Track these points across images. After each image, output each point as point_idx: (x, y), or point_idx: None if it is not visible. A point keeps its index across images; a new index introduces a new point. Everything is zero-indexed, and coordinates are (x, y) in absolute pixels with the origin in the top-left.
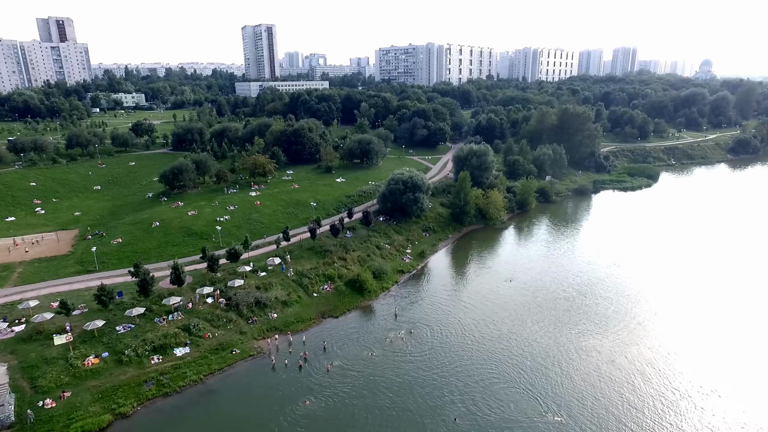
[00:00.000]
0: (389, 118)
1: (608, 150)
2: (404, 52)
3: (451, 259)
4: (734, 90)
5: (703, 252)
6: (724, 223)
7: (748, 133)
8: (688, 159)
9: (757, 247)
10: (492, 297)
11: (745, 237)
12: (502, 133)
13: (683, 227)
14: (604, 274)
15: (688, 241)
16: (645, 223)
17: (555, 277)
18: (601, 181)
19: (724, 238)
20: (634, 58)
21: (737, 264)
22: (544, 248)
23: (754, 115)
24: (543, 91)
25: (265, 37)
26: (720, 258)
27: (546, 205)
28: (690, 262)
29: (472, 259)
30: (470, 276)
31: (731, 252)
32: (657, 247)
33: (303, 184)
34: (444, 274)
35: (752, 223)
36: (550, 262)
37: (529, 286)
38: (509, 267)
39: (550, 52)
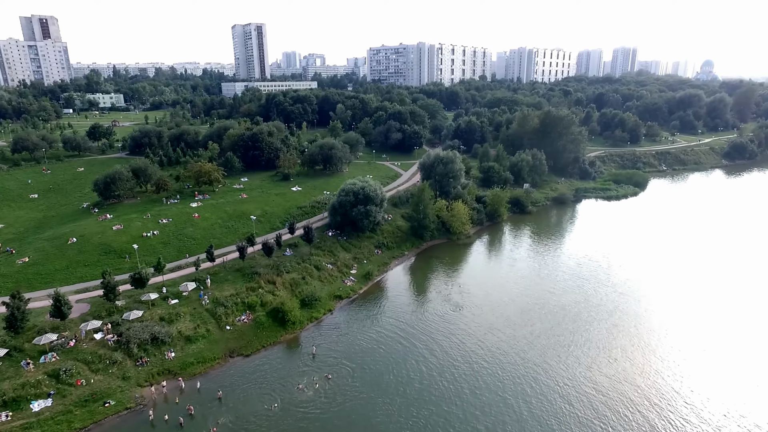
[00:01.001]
0: (364, 121)
1: (596, 155)
2: (395, 52)
3: (400, 281)
4: (733, 91)
5: (687, 270)
6: (712, 237)
7: (745, 137)
8: (680, 164)
9: (746, 265)
10: (439, 328)
11: (734, 253)
12: (482, 137)
13: (666, 242)
14: (572, 300)
15: (671, 258)
16: (623, 237)
17: (516, 302)
18: (583, 189)
19: (712, 255)
20: (634, 59)
21: (725, 288)
22: (508, 268)
23: (753, 118)
24: (534, 92)
25: (255, 36)
26: (707, 279)
27: (520, 217)
28: (671, 285)
29: (425, 280)
30: (417, 301)
31: (719, 271)
32: (635, 267)
33: (253, 194)
34: (388, 299)
35: (742, 237)
36: (512, 283)
37: (485, 316)
38: (466, 290)
39: (545, 52)
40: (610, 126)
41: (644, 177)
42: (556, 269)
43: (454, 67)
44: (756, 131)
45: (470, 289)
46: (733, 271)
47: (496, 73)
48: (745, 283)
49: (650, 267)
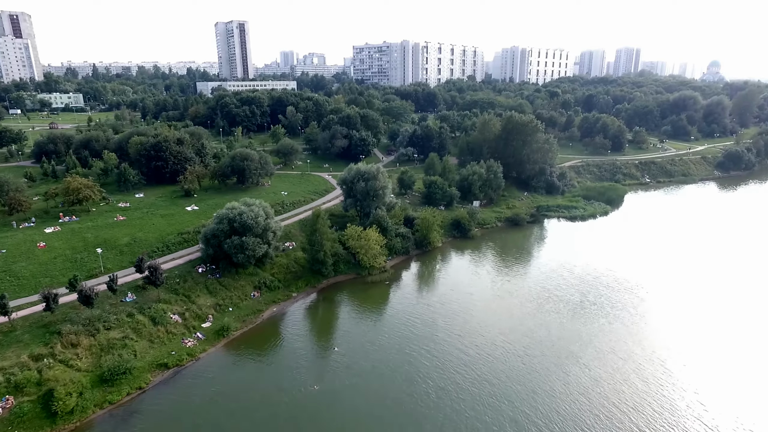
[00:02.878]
0: (311, 125)
1: (571, 165)
2: (378, 51)
3: (263, 338)
4: (737, 94)
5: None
6: (687, 277)
7: (742, 145)
8: (665, 176)
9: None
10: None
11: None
12: (441, 145)
13: (630, 282)
14: (493, 371)
15: (631, 303)
16: (577, 276)
17: (413, 371)
18: (546, 207)
19: (684, 303)
20: (638, 59)
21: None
22: (419, 319)
23: (755, 123)
24: (518, 94)
25: (237, 34)
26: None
27: (461, 243)
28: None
29: (300, 337)
30: (272, 374)
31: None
32: (583, 319)
33: (135, 215)
34: (234, 367)
35: (722, 271)
36: (416, 345)
37: (371, 399)
38: (354, 353)
39: (540, 51)
40: (592, 131)
41: (621, 192)
42: (484, 324)
43: (441, 66)
44: (755, 138)
45: (354, 354)
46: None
47: (493, 74)
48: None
49: (607, 326)
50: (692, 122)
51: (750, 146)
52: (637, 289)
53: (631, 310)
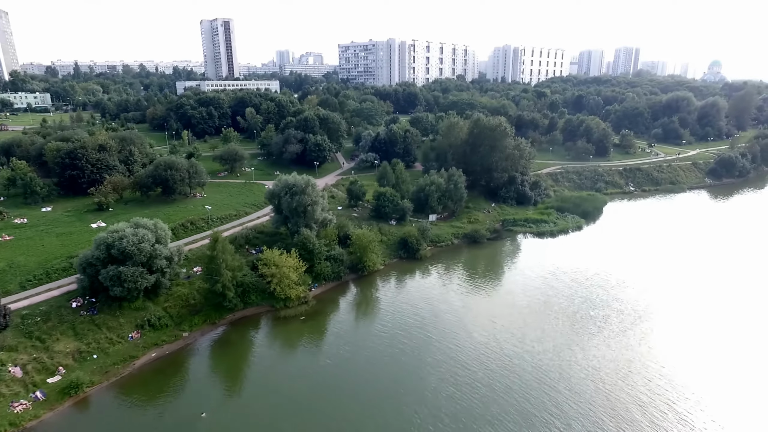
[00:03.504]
0: (268, 128)
1: (549, 171)
2: (363, 49)
3: (127, 395)
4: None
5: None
6: (667, 305)
7: (735, 151)
8: (651, 184)
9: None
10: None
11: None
12: (406, 150)
13: (594, 317)
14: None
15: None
16: (534, 305)
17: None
18: (512, 221)
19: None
20: (637, 59)
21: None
22: (334, 365)
23: (753, 125)
24: (504, 94)
25: (222, 32)
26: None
27: (407, 265)
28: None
29: (172, 395)
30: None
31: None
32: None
33: (28, 233)
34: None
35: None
36: (324, 402)
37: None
38: (236, 418)
39: (533, 50)
40: (575, 135)
41: (599, 203)
42: (419, 369)
43: (430, 66)
44: (750, 143)
45: (234, 420)
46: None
47: (487, 74)
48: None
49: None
50: (685, 125)
51: (745, 151)
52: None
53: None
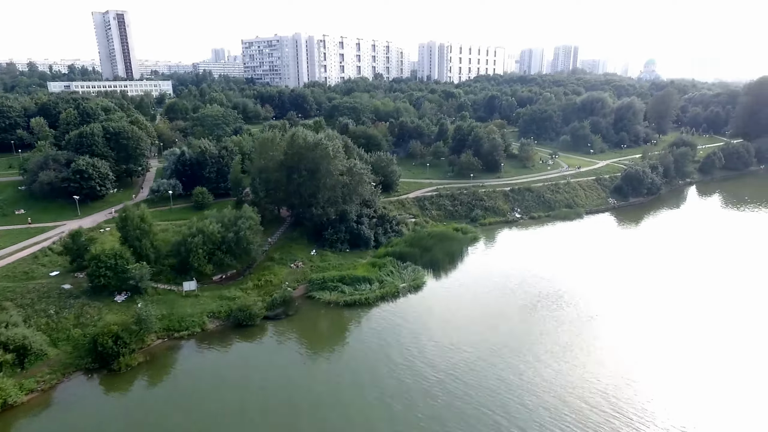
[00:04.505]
0: (38, 146)
1: (419, 195)
2: (268, 45)
3: None
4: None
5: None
6: None
7: (645, 162)
8: (543, 209)
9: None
10: None
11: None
12: (220, 174)
13: None
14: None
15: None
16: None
17: None
18: (320, 281)
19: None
20: (576, 57)
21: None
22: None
23: (675, 128)
24: (407, 95)
25: (115, 26)
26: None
27: (80, 387)
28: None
29: None
30: None
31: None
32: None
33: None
34: None
35: None
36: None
37: None
38: None
39: (462, 47)
40: (463, 146)
41: (461, 242)
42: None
43: (345, 63)
44: (662, 153)
45: None
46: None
47: (417, 71)
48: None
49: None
50: (597, 130)
51: (656, 163)
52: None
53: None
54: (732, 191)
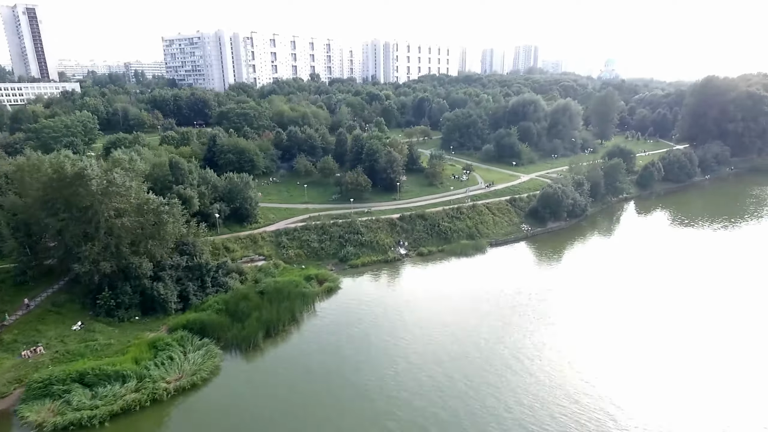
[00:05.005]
0: None
1: (285, 226)
2: (189, 43)
3: None
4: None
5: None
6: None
7: (568, 178)
8: (438, 241)
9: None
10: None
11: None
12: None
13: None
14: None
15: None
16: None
17: None
18: (38, 382)
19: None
20: (536, 57)
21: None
22: None
23: (618, 132)
24: (326, 98)
25: (25, 22)
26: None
27: None
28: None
29: None
30: None
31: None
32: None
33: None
34: None
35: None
36: None
37: None
38: None
39: (410, 46)
40: (358, 161)
41: (303, 301)
42: None
43: (278, 63)
44: (590, 166)
45: None
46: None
47: (363, 71)
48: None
49: None
50: (527, 137)
51: (582, 178)
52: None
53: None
54: (673, 207)
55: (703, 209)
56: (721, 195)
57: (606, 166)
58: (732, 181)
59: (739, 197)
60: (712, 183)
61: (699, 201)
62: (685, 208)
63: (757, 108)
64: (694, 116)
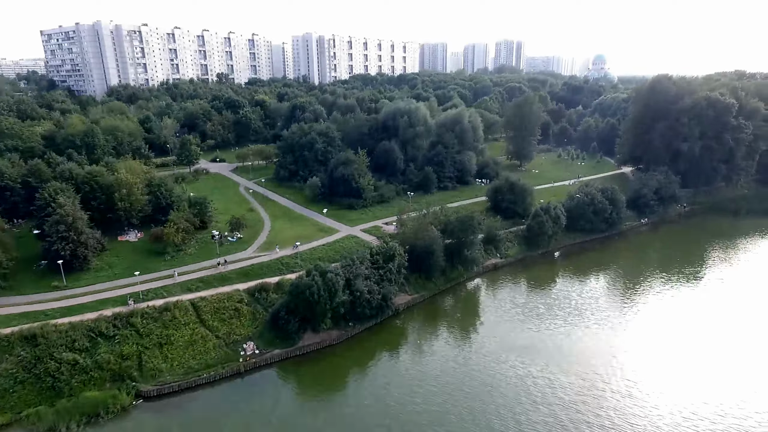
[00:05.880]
0: None
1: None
2: (66, 38)
3: None
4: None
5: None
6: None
7: (362, 255)
8: (42, 393)
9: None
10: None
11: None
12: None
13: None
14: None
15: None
16: None
17: None
18: None
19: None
20: (520, 53)
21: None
22: None
23: (549, 150)
24: (182, 108)
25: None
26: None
27: None
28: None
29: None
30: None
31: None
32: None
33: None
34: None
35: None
36: None
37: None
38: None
39: (354, 41)
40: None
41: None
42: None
43: (178, 61)
44: (418, 223)
45: None
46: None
47: (293, 70)
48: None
49: None
50: (388, 164)
51: (393, 249)
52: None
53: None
54: (558, 287)
55: (610, 296)
56: (652, 261)
57: (456, 221)
58: (680, 228)
59: (686, 264)
60: (651, 231)
61: (608, 274)
62: (582, 291)
63: (722, 121)
64: (638, 131)
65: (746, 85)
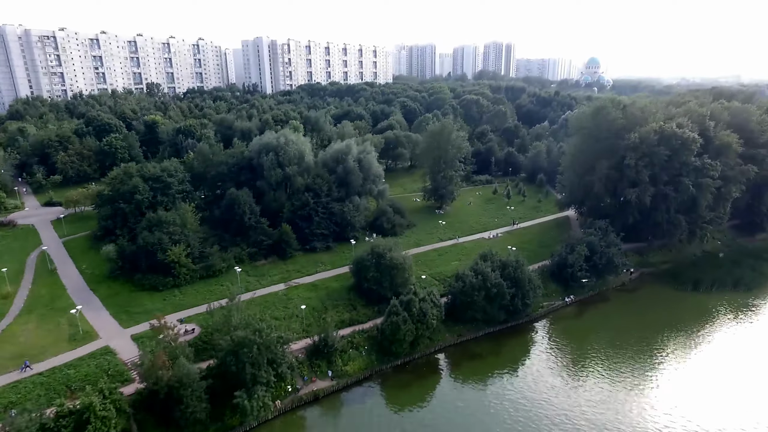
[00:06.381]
0: None
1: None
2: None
3: None
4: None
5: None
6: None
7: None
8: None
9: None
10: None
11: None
12: None
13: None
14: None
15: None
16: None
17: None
18: None
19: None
20: (509, 56)
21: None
22: None
23: (485, 182)
24: (92, 122)
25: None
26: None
27: None
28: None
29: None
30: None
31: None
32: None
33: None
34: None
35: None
36: None
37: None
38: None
39: (314, 46)
40: None
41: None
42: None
43: (104, 69)
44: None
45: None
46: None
47: (243, 78)
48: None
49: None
50: (231, 220)
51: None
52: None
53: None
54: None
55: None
56: (554, 369)
57: (234, 343)
58: (614, 309)
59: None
60: (575, 314)
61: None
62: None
63: (679, 161)
64: (578, 170)
65: (717, 110)
